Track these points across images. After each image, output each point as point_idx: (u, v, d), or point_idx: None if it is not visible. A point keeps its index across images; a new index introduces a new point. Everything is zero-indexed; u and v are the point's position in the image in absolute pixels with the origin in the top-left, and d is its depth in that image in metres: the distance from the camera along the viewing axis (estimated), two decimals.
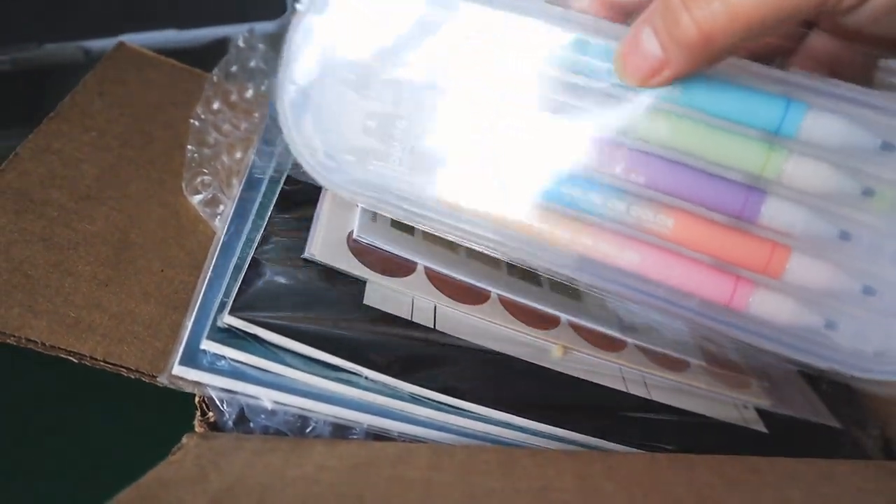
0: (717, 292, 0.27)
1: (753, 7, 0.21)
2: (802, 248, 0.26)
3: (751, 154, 0.25)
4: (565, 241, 0.28)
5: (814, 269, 0.26)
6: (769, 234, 0.26)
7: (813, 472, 0.27)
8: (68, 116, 0.40)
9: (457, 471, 0.26)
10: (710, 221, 0.27)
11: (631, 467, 0.27)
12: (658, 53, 0.23)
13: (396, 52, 0.29)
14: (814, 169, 0.25)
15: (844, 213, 0.26)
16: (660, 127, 0.26)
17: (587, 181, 0.27)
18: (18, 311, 0.30)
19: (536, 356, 0.33)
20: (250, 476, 0.25)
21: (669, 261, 0.27)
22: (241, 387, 0.28)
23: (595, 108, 0.26)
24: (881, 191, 0.25)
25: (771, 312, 0.27)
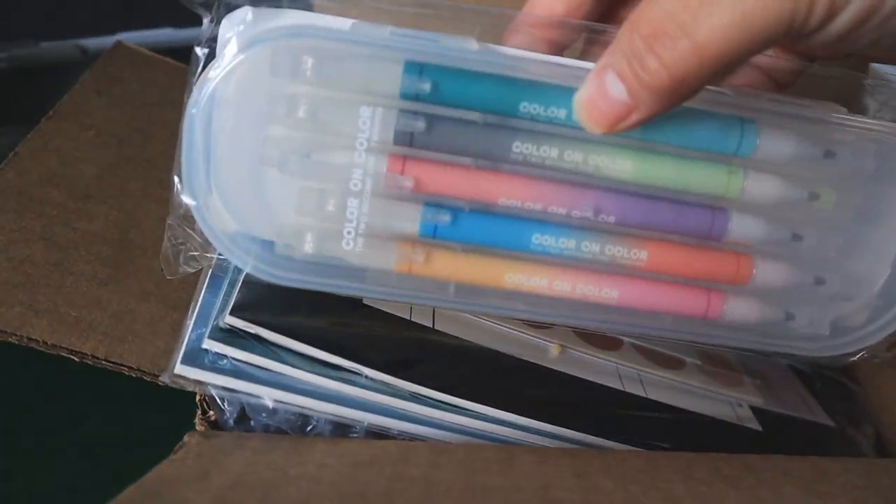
0: (693, 308, 0.29)
1: (722, 43, 0.20)
2: (762, 253, 0.28)
3: (713, 179, 0.27)
4: (542, 289, 0.28)
5: (774, 271, 0.28)
6: (734, 247, 0.28)
7: (807, 470, 0.27)
8: (67, 115, 0.40)
9: (457, 469, 0.26)
10: (682, 246, 0.28)
11: (629, 465, 0.27)
12: (625, 99, 0.22)
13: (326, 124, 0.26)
14: (768, 184, 0.27)
15: (794, 217, 0.28)
16: (625, 166, 0.26)
17: (557, 227, 0.27)
18: (19, 310, 0.31)
19: (534, 355, 0.34)
20: (252, 474, 0.25)
21: (646, 290, 0.28)
22: (242, 385, 0.29)
23: (557, 154, 0.26)
24: (824, 193, 0.28)
25: (741, 316, 0.29)
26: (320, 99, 0.25)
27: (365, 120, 0.25)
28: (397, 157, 0.26)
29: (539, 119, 0.26)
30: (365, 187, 0.26)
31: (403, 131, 0.25)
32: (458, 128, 0.26)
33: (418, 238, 0.27)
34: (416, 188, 0.26)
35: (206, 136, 0.25)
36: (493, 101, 0.25)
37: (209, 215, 0.26)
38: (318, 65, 0.24)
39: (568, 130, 0.26)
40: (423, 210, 0.26)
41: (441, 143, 0.26)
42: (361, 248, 0.26)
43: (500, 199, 0.26)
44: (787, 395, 0.40)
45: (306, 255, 0.26)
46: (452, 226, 0.26)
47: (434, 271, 0.27)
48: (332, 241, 0.26)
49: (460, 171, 0.26)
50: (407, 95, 0.25)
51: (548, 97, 0.25)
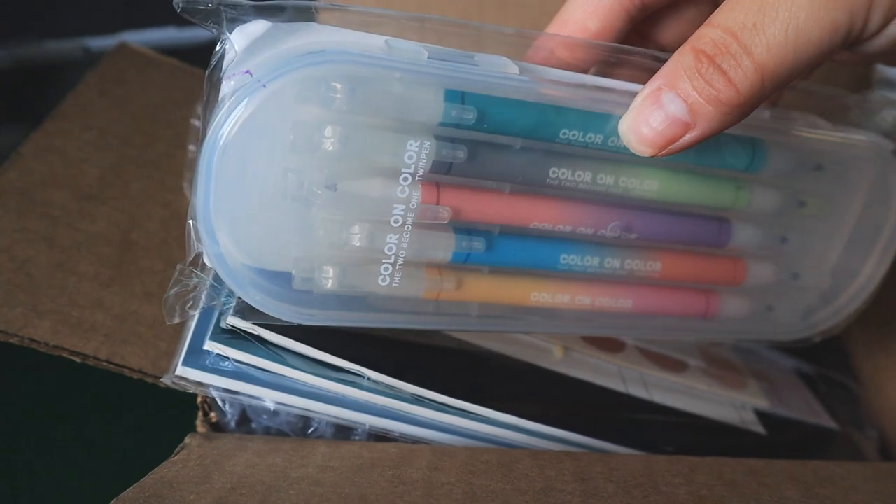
0: (695, 309, 0.31)
1: (780, 60, 0.21)
2: (753, 256, 0.31)
3: (725, 194, 0.29)
4: (564, 304, 0.28)
5: (763, 271, 0.31)
6: (732, 253, 0.31)
7: (810, 474, 0.27)
8: (69, 116, 0.40)
9: (458, 471, 0.26)
10: (691, 255, 0.30)
11: (631, 469, 0.27)
12: (685, 117, 0.22)
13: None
14: (769, 196, 0.29)
15: (783, 222, 0.31)
16: (652, 185, 0.27)
17: (584, 246, 0.28)
18: (21, 311, 0.31)
19: (537, 357, 0.34)
20: (253, 476, 0.25)
21: (657, 297, 0.30)
22: (244, 387, 0.28)
23: (591, 177, 0.26)
24: (811, 201, 0.31)
25: (734, 312, 0.32)
26: (358, 130, 0.23)
27: (412, 154, 0.24)
28: (430, 185, 0.25)
29: (576, 144, 0.25)
30: (406, 222, 0.25)
31: (443, 161, 0.24)
32: (497, 154, 0.25)
33: (448, 264, 0.26)
34: (453, 217, 0.25)
35: (226, 176, 0.23)
36: (534, 127, 0.25)
37: (228, 258, 0.24)
38: (350, 91, 0.22)
39: (603, 153, 0.26)
40: (456, 239, 0.26)
41: (480, 171, 0.25)
42: (398, 283, 0.26)
43: (533, 222, 0.27)
44: (791, 399, 0.40)
45: (327, 290, 0.25)
46: (485, 251, 0.26)
47: (462, 296, 0.27)
48: (365, 277, 0.25)
49: (496, 197, 0.26)
50: (447, 123, 0.24)
51: (587, 122, 0.25)
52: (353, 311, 0.26)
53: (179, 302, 0.26)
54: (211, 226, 0.23)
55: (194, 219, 0.24)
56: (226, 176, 0.23)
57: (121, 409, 0.40)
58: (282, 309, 0.25)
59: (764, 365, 0.42)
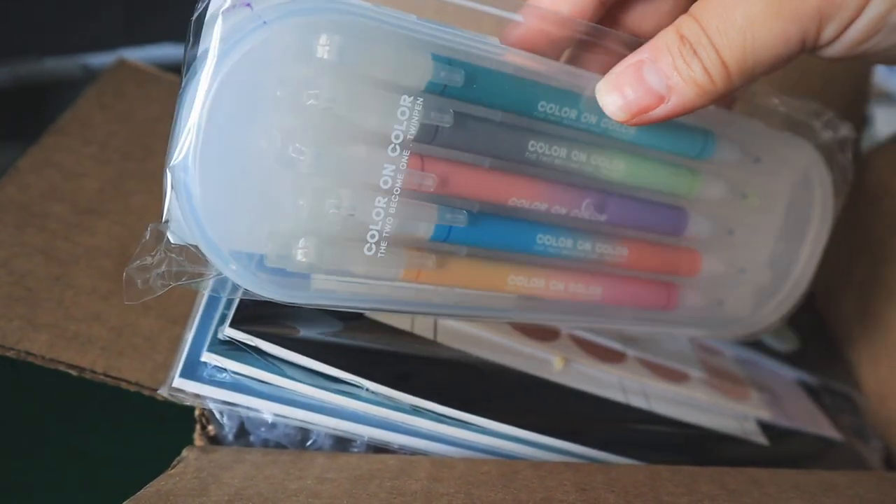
0: (657, 300, 0.31)
1: (739, 60, 0.23)
2: (705, 248, 0.32)
3: (681, 180, 0.30)
4: (539, 290, 0.28)
5: (714, 263, 0.32)
6: (686, 243, 0.32)
7: (814, 483, 0.27)
8: (69, 130, 0.40)
9: (457, 482, 0.26)
10: (652, 243, 0.31)
11: (632, 479, 0.26)
12: (661, 91, 0.23)
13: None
14: (718, 186, 0.31)
15: (727, 214, 0.32)
16: (619, 165, 0.28)
17: (558, 228, 0.28)
18: (19, 325, 0.31)
19: (537, 368, 0.33)
20: (251, 488, 0.25)
21: (624, 286, 0.30)
22: (241, 399, 0.28)
23: (565, 153, 0.27)
24: (752, 194, 0.32)
25: (691, 305, 0.32)
26: (348, 85, 0.22)
27: (404, 111, 0.23)
28: (416, 155, 0.24)
29: (552, 119, 0.26)
30: (395, 184, 0.24)
31: (429, 125, 0.24)
32: (480, 126, 0.25)
33: (428, 242, 0.26)
34: (437, 188, 0.25)
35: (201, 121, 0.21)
36: (516, 99, 0.26)
37: (202, 217, 0.22)
38: (344, 46, 0.21)
39: (576, 133, 0.27)
40: (439, 211, 0.25)
41: (461, 142, 0.25)
42: (384, 254, 0.24)
43: (511, 198, 0.27)
44: (794, 410, 0.40)
45: (304, 266, 0.24)
46: (466, 227, 0.26)
47: (441, 277, 0.26)
48: (347, 248, 0.24)
49: (477, 171, 0.26)
50: (433, 87, 0.23)
51: (562, 97, 0.26)
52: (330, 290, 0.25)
53: (142, 277, 0.24)
54: (191, 191, 0.22)
55: (172, 171, 0.22)
56: (212, 131, 0.21)
57: (118, 423, 0.40)
58: (260, 283, 0.24)
59: (766, 376, 0.42)
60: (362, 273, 0.25)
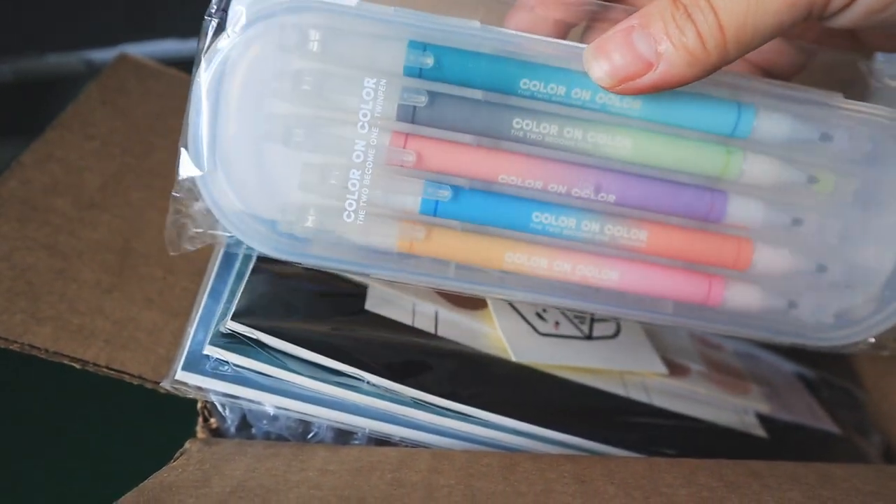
0: (694, 294, 0.28)
1: (741, 25, 0.21)
2: (762, 238, 0.28)
3: (711, 159, 0.27)
4: (542, 270, 0.28)
5: (775, 257, 0.28)
6: (733, 231, 0.28)
7: (813, 475, 0.27)
8: (70, 125, 0.40)
9: (457, 474, 0.26)
10: (681, 228, 0.28)
11: (631, 471, 0.27)
12: (650, 57, 0.22)
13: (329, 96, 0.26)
14: (766, 165, 0.27)
15: (793, 201, 0.28)
16: (624, 143, 0.26)
17: (557, 206, 0.27)
18: (22, 318, 0.31)
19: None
20: (253, 480, 0.25)
21: (647, 273, 0.28)
22: (243, 392, 0.28)
23: (556, 130, 0.26)
24: (822, 177, 0.28)
25: (743, 303, 0.29)
26: (325, 73, 0.25)
27: (369, 91, 0.26)
28: (400, 134, 0.26)
29: (539, 96, 0.26)
30: (367, 159, 0.26)
31: (406, 105, 0.26)
32: (460, 104, 0.26)
33: (419, 216, 0.27)
34: (418, 164, 0.26)
35: (214, 109, 0.25)
36: (494, 78, 0.26)
37: (214, 189, 0.26)
38: (324, 39, 0.25)
39: (568, 109, 0.26)
40: (424, 185, 0.26)
41: (443, 120, 0.26)
42: (362, 222, 0.27)
43: (500, 175, 0.27)
44: (793, 403, 0.40)
45: (308, 230, 0.27)
46: (453, 202, 0.27)
47: (435, 249, 0.27)
48: (334, 216, 0.27)
49: (461, 147, 0.26)
50: (410, 72, 0.25)
51: (548, 74, 0.26)
52: (333, 254, 0.27)
53: (178, 232, 0.28)
54: (205, 156, 0.26)
55: (186, 147, 0.26)
56: (223, 110, 0.26)
57: (121, 416, 0.40)
58: (266, 244, 0.27)
59: (766, 370, 0.42)
60: (359, 241, 0.27)
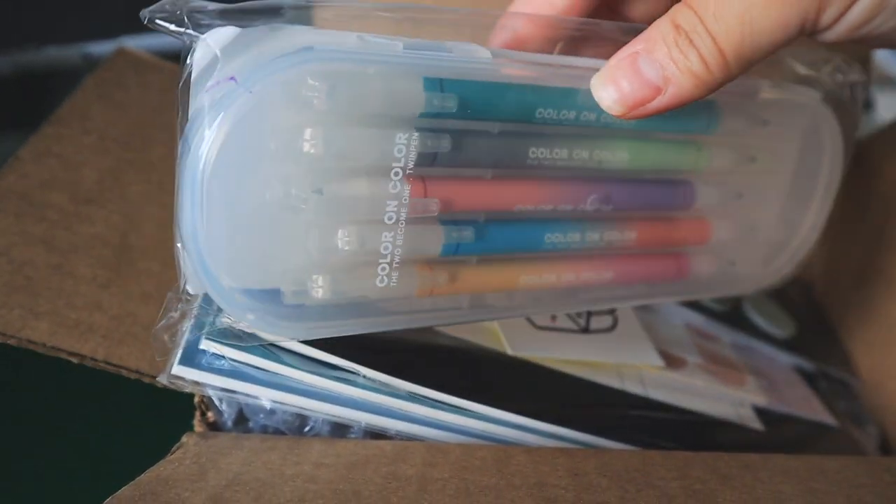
0: (669, 273, 0.32)
1: (736, 47, 0.22)
2: (714, 214, 0.33)
3: (687, 157, 0.30)
4: (551, 284, 0.29)
5: (726, 228, 0.33)
6: (696, 214, 0.32)
7: (805, 468, 0.27)
8: (68, 120, 0.41)
9: (452, 467, 0.26)
10: (661, 221, 0.31)
11: (625, 463, 0.27)
12: (657, 82, 0.23)
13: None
14: (726, 155, 0.31)
15: (736, 179, 0.33)
16: (622, 155, 0.28)
17: (565, 223, 0.28)
18: (19, 313, 0.31)
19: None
20: (249, 473, 0.25)
21: (634, 265, 0.31)
22: (240, 386, 0.29)
23: (567, 153, 0.27)
24: (760, 156, 0.32)
25: (703, 271, 0.33)
26: (343, 129, 0.23)
27: (401, 147, 0.23)
28: (417, 181, 0.24)
29: (551, 122, 0.26)
30: (400, 217, 0.24)
31: (428, 153, 0.24)
32: (478, 141, 0.25)
33: (438, 259, 0.26)
34: (440, 207, 0.25)
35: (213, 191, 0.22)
36: (511, 109, 0.25)
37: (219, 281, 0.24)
38: (331, 89, 0.22)
39: (577, 129, 0.27)
40: (445, 230, 0.26)
41: (462, 160, 0.25)
42: (395, 283, 0.25)
43: (517, 206, 0.27)
44: (790, 395, 0.40)
45: (321, 301, 0.25)
46: (474, 240, 0.26)
47: (454, 288, 0.27)
48: (361, 281, 0.25)
49: (480, 184, 0.26)
50: (428, 113, 0.24)
51: (560, 100, 0.26)
52: (349, 318, 0.26)
53: (168, 333, 0.26)
54: (200, 249, 0.23)
55: (182, 243, 0.23)
56: (215, 194, 0.22)
57: (118, 410, 0.41)
58: (277, 327, 0.25)
59: (763, 362, 0.42)
60: (378, 298, 0.26)
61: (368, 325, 0.26)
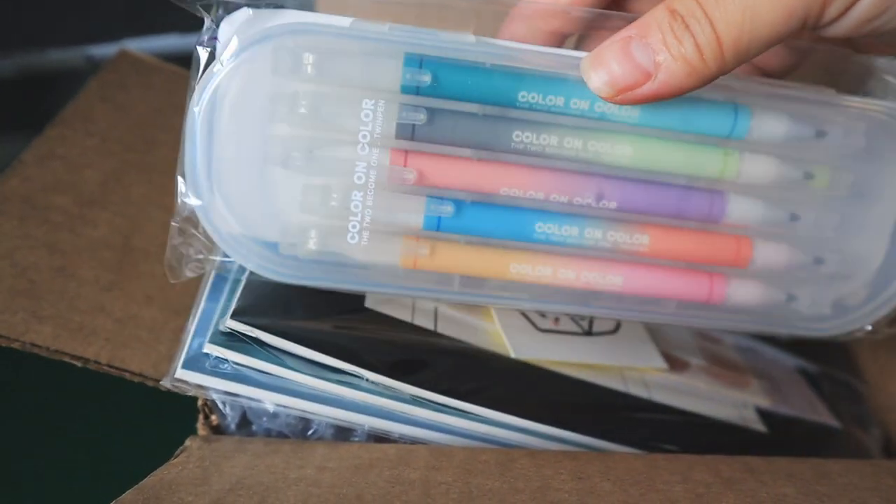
0: (697, 293, 0.29)
1: (736, 36, 0.22)
2: (761, 234, 0.29)
3: (709, 162, 0.28)
4: (546, 278, 0.28)
5: (774, 252, 0.29)
6: (733, 230, 0.29)
7: (808, 471, 0.27)
8: (71, 122, 0.41)
9: (455, 471, 0.26)
10: (682, 230, 0.29)
11: (628, 467, 0.27)
12: (648, 67, 0.23)
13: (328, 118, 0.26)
14: (764, 164, 0.28)
15: (791, 197, 0.29)
16: (624, 151, 0.27)
17: (560, 215, 0.28)
18: (23, 317, 0.31)
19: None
20: (252, 477, 0.25)
21: (650, 275, 0.29)
22: (243, 389, 0.29)
23: (557, 141, 0.27)
24: (818, 172, 0.28)
25: (744, 299, 0.30)
26: (322, 95, 0.26)
27: (367, 113, 0.26)
28: (399, 151, 0.26)
29: (538, 108, 0.26)
30: (369, 180, 0.26)
31: (405, 124, 0.26)
32: (459, 119, 0.26)
33: (422, 232, 0.27)
34: (419, 181, 0.27)
35: (209, 137, 0.26)
36: (491, 91, 0.26)
37: (213, 216, 0.27)
38: (318, 61, 0.25)
39: (567, 119, 0.27)
40: (426, 202, 0.27)
41: (442, 136, 0.26)
42: (367, 242, 0.27)
43: (502, 188, 0.27)
44: (793, 397, 0.40)
45: (310, 252, 0.27)
46: (456, 217, 0.27)
47: (439, 264, 0.28)
48: (337, 237, 0.27)
49: (461, 162, 0.27)
50: (408, 89, 0.26)
51: (546, 85, 0.26)
52: (336, 275, 0.28)
53: (178, 259, 0.28)
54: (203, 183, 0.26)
55: (184, 175, 0.26)
56: (219, 137, 0.26)
57: (122, 414, 0.41)
58: (267, 269, 0.28)
59: (766, 364, 0.42)
60: (362, 260, 0.28)
61: (354, 281, 0.28)
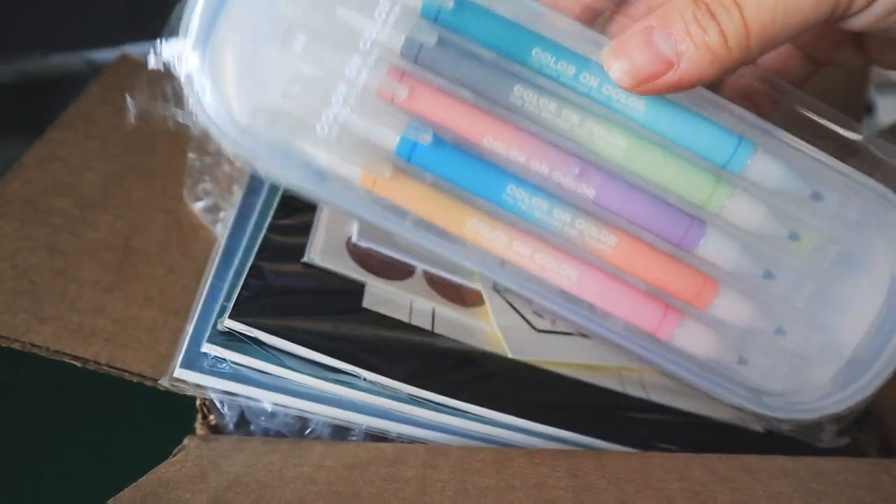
0: (646, 320, 0.27)
1: (766, 23, 0.22)
2: (729, 282, 0.27)
3: (698, 185, 0.26)
4: (500, 246, 0.27)
5: (737, 305, 0.27)
6: (702, 266, 0.27)
7: (804, 469, 0.27)
8: (72, 125, 0.41)
9: (452, 469, 0.26)
10: (651, 247, 0.27)
11: (624, 465, 0.27)
12: (670, 57, 0.22)
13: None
14: (751, 207, 0.26)
15: (770, 254, 0.27)
16: (619, 142, 0.26)
17: (535, 186, 0.27)
18: (24, 318, 0.31)
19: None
20: (249, 475, 0.25)
21: (605, 283, 0.27)
22: (241, 389, 0.29)
23: (555, 108, 0.26)
24: (805, 236, 0.27)
25: (692, 345, 0.28)
26: None
27: (381, 12, 0.25)
28: (397, 68, 0.25)
29: (546, 71, 0.26)
30: (359, 77, 0.25)
31: (414, 40, 0.25)
32: (466, 57, 0.26)
33: (392, 157, 0.26)
34: (407, 102, 0.25)
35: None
36: (507, 39, 0.25)
37: (195, 76, 0.25)
38: None
39: (572, 94, 0.26)
40: (407, 124, 0.26)
41: (445, 68, 0.26)
42: (333, 141, 0.25)
43: (486, 138, 0.26)
44: None
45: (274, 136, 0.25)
46: (431, 151, 0.26)
47: (397, 193, 0.26)
48: (307, 132, 0.25)
49: (453, 100, 0.26)
50: (428, 11, 0.25)
51: (561, 50, 0.26)
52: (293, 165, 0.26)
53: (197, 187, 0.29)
54: (199, 42, 0.25)
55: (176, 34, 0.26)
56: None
57: (121, 414, 0.41)
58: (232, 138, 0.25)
59: None
60: (322, 163, 0.26)
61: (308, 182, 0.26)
